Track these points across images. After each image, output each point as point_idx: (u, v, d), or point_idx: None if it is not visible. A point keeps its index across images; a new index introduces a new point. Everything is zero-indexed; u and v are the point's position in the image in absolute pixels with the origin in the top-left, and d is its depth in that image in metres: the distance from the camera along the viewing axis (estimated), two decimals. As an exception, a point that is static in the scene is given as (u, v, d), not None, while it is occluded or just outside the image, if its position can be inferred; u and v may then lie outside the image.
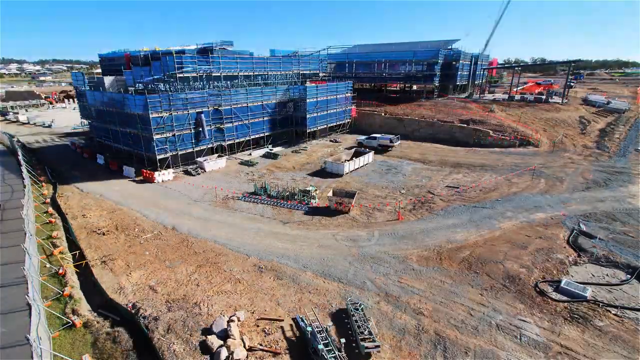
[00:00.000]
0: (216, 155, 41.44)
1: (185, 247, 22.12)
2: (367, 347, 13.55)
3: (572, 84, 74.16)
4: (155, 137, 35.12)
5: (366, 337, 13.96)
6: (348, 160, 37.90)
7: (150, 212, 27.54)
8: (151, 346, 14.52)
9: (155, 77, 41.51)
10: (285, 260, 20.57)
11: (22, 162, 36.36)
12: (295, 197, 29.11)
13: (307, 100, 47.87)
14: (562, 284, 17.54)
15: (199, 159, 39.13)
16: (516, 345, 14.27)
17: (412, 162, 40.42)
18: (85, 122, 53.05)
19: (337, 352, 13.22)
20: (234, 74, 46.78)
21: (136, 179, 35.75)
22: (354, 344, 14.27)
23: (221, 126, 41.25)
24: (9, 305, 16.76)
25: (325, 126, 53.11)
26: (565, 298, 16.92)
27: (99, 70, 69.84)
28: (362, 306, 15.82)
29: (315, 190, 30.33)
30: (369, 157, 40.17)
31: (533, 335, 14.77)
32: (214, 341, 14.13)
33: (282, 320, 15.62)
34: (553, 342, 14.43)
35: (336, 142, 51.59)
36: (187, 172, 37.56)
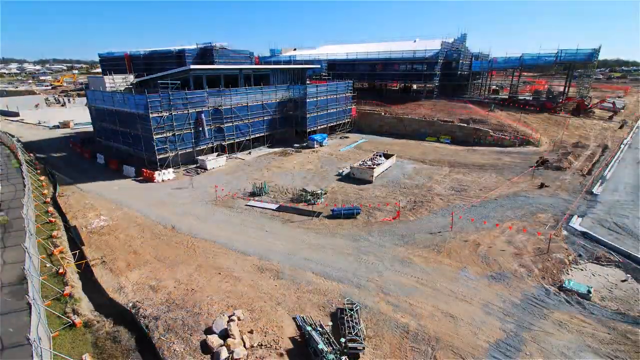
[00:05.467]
0: (216, 154, 41.43)
1: (185, 247, 22.13)
2: (351, 348, 13.61)
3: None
4: (155, 136, 35.13)
5: (353, 337, 13.98)
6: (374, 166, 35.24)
7: (150, 211, 27.55)
8: (151, 346, 14.53)
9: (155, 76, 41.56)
10: (285, 260, 20.57)
11: (22, 161, 36.39)
12: (301, 198, 29.16)
13: (307, 100, 47.85)
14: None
15: (198, 158, 39.13)
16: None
17: (412, 162, 40.38)
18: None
19: (336, 352, 13.23)
20: (234, 73, 46.80)
21: (136, 178, 35.75)
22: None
23: (221, 126, 41.24)
24: (8, 305, 16.78)
25: (325, 126, 53.10)
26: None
27: (99, 70, 69.86)
28: (357, 307, 15.82)
29: (325, 193, 30.33)
30: (393, 159, 39.05)
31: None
32: (214, 341, 14.14)
33: None
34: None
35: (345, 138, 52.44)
36: (187, 172, 37.54)
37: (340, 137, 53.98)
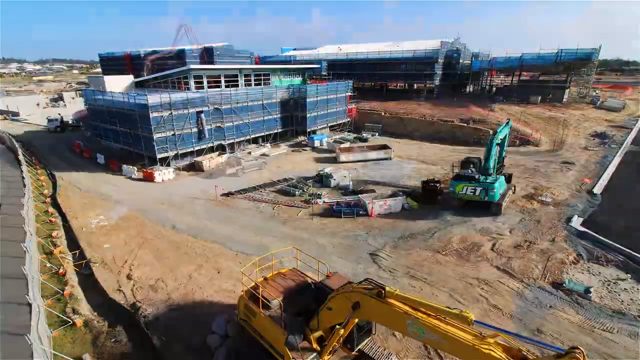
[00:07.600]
0: (216, 153, 41.42)
1: (185, 246, 22.12)
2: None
3: None
4: (156, 136, 35.13)
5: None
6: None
7: (150, 211, 27.53)
8: (151, 346, 14.53)
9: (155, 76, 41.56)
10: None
11: (22, 161, 36.40)
12: (297, 194, 29.16)
13: (307, 100, 47.84)
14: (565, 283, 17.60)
15: (198, 158, 39.13)
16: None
17: (412, 162, 40.38)
18: None
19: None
20: (234, 73, 46.81)
21: (136, 178, 35.74)
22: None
23: (221, 125, 41.22)
24: (9, 305, 16.76)
25: (325, 125, 53.09)
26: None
27: (99, 70, 69.84)
28: None
29: (326, 194, 30.34)
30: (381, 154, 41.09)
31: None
32: (214, 341, 14.12)
33: None
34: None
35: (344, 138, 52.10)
36: (187, 172, 37.54)
37: (340, 137, 53.89)
